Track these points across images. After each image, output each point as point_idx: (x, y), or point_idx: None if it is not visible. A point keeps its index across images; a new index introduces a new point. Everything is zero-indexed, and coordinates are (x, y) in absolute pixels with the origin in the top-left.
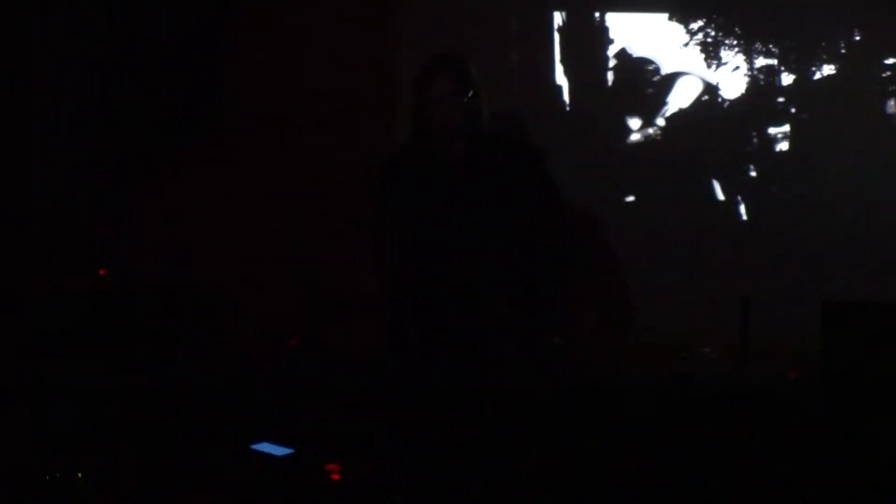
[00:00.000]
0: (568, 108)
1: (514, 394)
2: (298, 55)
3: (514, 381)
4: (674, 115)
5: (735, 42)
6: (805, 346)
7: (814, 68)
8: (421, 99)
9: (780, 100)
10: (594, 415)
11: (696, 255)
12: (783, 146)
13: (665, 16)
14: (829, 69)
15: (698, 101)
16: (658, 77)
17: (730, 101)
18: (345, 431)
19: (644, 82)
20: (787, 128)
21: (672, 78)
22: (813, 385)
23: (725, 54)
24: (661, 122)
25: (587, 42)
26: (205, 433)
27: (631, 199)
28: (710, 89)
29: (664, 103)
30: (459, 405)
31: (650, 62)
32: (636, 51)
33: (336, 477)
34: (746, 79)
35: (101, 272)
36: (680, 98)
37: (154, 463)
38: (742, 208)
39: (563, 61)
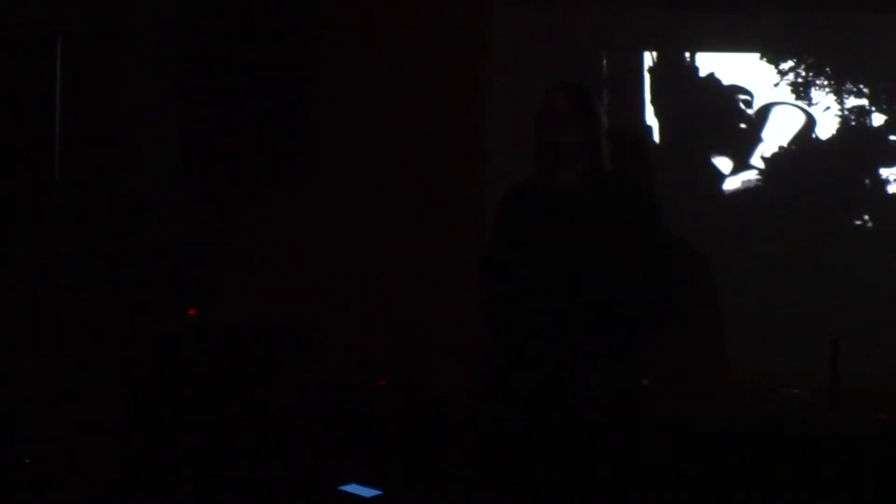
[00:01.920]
0: (658, 148)
1: (602, 434)
2: (388, 93)
3: (603, 421)
4: (773, 155)
5: (826, 82)
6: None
7: None
8: (539, 115)
9: (893, 138)
10: (682, 456)
11: (787, 293)
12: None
13: (756, 55)
14: None
15: (799, 137)
16: (751, 109)
17: (832, 138)
18: (433, 473)
19: (737, 114)
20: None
21: (767, 109)
22: None
23: (816, 94)
24: (757, 161)
25: (677, 81)
26: (294, 473)
27: (724, 239)
28: (810, 123)
29: (759, 139)
30: (548, 445)
31: (743, 90)
32: (727, 79)
33: None
34: (837, 119)
35: (192, 312)
36: (777, 133)
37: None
38: (835, 247)
39: (653, 102)
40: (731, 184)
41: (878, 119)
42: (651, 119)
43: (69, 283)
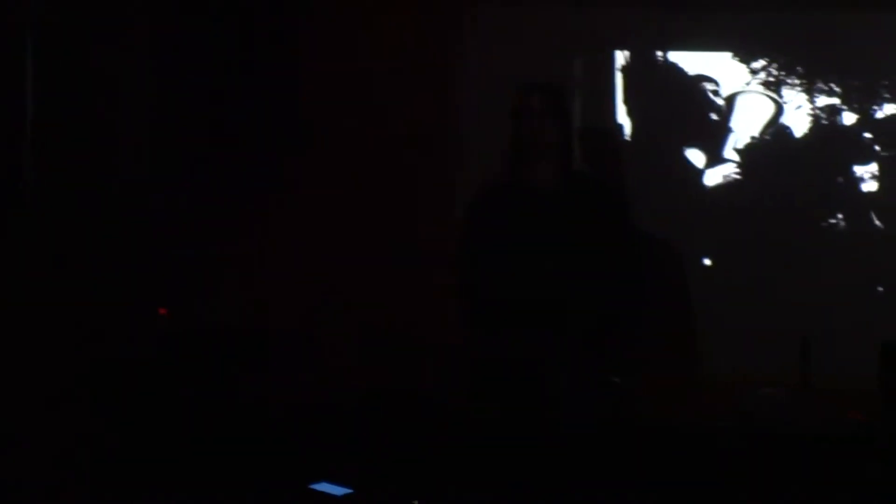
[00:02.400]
0: (630, 145)
1: (575, 432)
2: (363, 92)
3: (576, 419)
4: (746, 146)
5: (797, 81)
6: (866, 386)
7: (875, 107)
8: (513, 113)
9: (867, 135)
10: (653, 454)
11: (759, 292)
12: (867, 185)
13: (728, 55)
14: (892, 108)
15: (769, 126)
16: (720, 98)
17: (803, 136)
18: (404, 472)
19: (706, 104)
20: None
21: (734, 98)
22: (874, 425)
23: (787, 93)
24: (731, 154)
25: (648, 79)
26: (264, 473)
27: (694, 236)
28: (779, 111)
29: (729, 129)
30: (523, 442)
31: (709, 79)
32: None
33: None
34: (809, 118)
35: (162, 311)
36: (747, 123)
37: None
38: (805, 246)
39: (625, 101)
40: (704, 179)
41: (848, 118)
42: (623, 117)
43: (39, 283)
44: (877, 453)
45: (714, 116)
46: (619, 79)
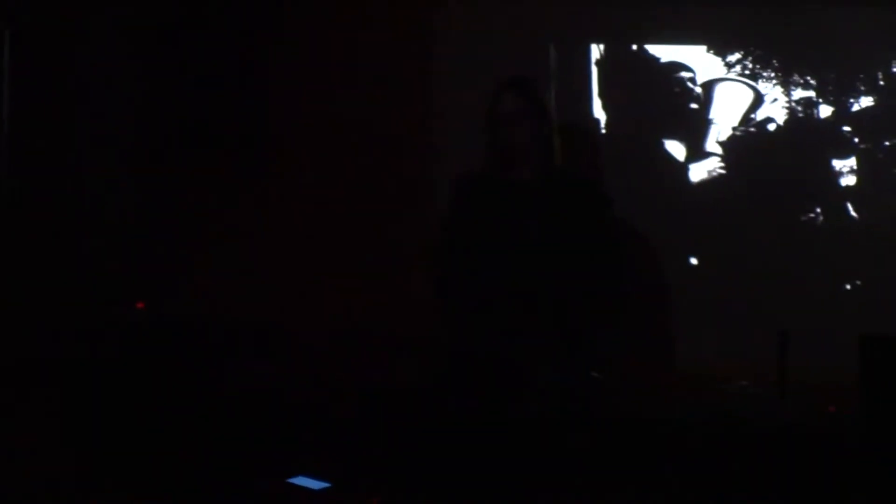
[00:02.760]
0: (607, 140)
1: (552, 425)
2: (337, 90)
3: (553, 412)
4: (728, 139)
5: (773, 74)
6: (844, 380)
7: (852, 100)
8: (490, 115)
9: (846, 129)
10: (630, 448)
11: (735, 286)
12: (846, 178)
13: (703, 48)
14: (867, 101)
15: (747, 116)
16: (696, 86)
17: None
18: (382, 464)
19: (684, 93)
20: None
21: (711, 85)
22: (852, 419)
23: (764, 86)
24: (713, 147)
25: (624, 71)
26: (242, 467)
27: (669, 229)
28: (758, 100)
29: (709, 121)
30: (501, 435)
31: (684, 67)
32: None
33: None
34: (785, 111)
35: (139, 305)
36: (726, 114)
37: (191, 497)
38: (785, 239)
39: (600, 95)
40: (682, 173)
41: (825, 111)
42: (598, 111)
43: (16, 276)
44: (855, 446)
45: (694, 105)
46: (594, 72)
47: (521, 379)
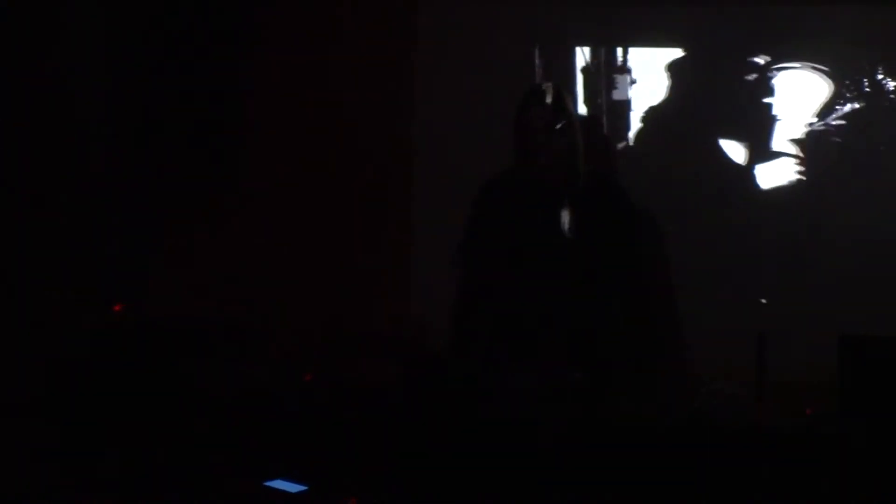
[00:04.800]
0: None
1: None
2: (317, 93)
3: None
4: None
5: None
6: (822, 380)
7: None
8: (518, 128)
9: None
10: (608, 449)
11: (715, 287)
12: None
13: (680, 51)
14: (849, 106)
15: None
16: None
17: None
18: (359, 467)
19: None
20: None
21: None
22: (830, 420)
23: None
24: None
25: (608, 76)
26: (217, 470)
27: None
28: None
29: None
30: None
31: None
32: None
33: None
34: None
35: (116, 308)
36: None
37: (167, 501)
38: (760, 239)
39: (585, 100)
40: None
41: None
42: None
43: None
44: (834, 448)
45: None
46: (578, 75)
47: (506, 381)
